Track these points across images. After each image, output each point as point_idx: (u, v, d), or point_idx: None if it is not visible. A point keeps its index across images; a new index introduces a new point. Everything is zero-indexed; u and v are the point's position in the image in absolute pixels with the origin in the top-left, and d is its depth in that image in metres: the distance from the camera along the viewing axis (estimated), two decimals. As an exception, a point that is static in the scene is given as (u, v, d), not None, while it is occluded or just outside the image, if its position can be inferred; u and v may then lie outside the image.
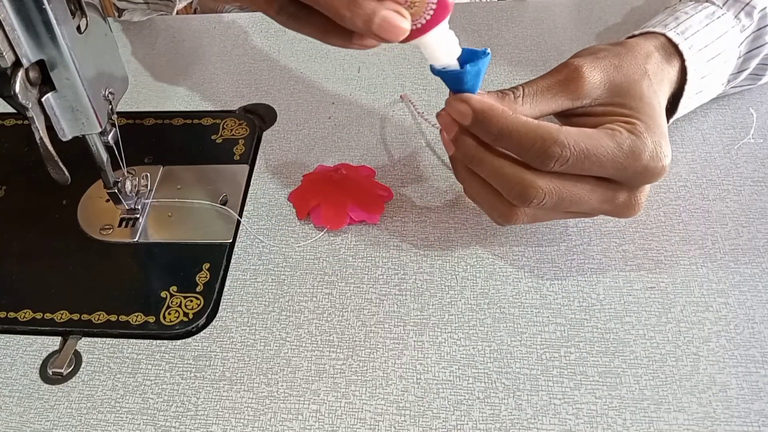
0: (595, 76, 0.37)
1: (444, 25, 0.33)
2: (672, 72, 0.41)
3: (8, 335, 0.41)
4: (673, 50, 0.41)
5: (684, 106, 0.43)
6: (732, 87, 0.47)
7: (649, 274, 0.41)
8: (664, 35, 0.42)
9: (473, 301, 0.40)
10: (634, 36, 0.43)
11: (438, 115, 0.38)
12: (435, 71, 0.36)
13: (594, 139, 0.34)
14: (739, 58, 0.45)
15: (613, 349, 0.38)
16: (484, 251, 0.43)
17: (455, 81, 0.36)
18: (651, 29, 0.43)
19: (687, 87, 0.42)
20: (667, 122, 0.43)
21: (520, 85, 0.38)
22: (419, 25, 0.32)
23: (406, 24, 0.31)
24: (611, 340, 0.38)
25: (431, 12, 0.32)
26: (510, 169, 0.36)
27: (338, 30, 0.32)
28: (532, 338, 0.38)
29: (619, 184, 0.37)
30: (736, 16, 0.43)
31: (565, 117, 0.39)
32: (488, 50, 0.35)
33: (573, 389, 0.36)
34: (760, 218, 0.43)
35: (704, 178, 0.45)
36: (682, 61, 0.41)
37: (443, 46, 0.34)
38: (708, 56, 0.42)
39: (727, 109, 0.49)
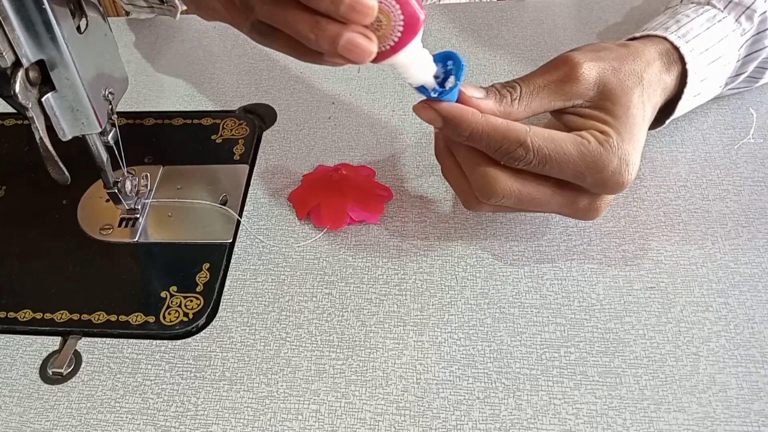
0: (592, 76, 0.38)
1: (415, 44, 0.33)
2: (669, 80, 0.41)
3: (8, 335, 0.41)
4: (675, 55, 0.41)
5: (681, 109, 0.43)
6: (729, 89, 0.48)
7: (649, 274, 0.41)
8: (665, 39, 0.42)
9: (473, 301, 0.40)
10: (635, 38, 0.43)
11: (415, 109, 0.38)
12: (419, 90, 0.36)
13: (558, 145, 0.36)
14: (738, 61, 0.45)
15: (613, 349, 0.38)
16: (484, 251, 0.43)
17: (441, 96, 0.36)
18: (652, 32, 0.43)
19: (686, 90, 0.42)
20: (663, 124, 0.44)
21: (517, 81, 0.38)
22: (388, 47, 0.32)
23: (372, 46, 0.31)
24: (611, 340, 0.38)
25: (399, 33, 0.32)
26: (480, 160, 0.37)
27: (308, 48, 0.33)
28: (532, 338, 0.38)
29: (580, 189, 0.37)
30: (736, 20, 0.43)
31: (555, 113, 0.40)
32: (463, 61, 0.36)
33: (573, 389, 0.36)
34: (760, 218, 0.43)
35: (704, 178, 0.45)
36: (683, 64, 0.41)
37: (415, 64, 0.34)
38: (708, 60, 0.42)
39: (727, 109, 0.49)
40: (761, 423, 0.34)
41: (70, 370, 0.39)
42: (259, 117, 0.53)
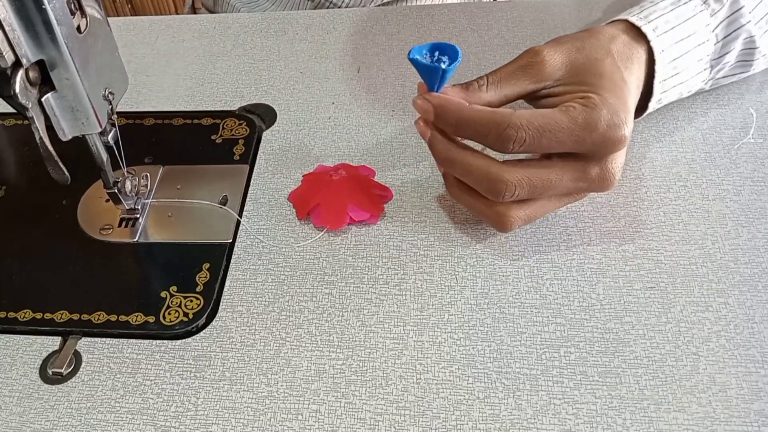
0: (556, 59, 0.39)
1: None
2: (640, 51, 0.42)
3: (8, 335, 0.41)
4: (638, 34, 0.42)
5: (660, 90, 0.44)
6: (723, 76, 0.47)
7: (649, 274, 0.41)
8: (626, 21, 0.43)
9: (473, 301, 0.40)
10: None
11: (415, 123, 0.41)
12: (412, 59, 0.38)
13: (547, 117, 0.36)
14: (717, 42, 0.44)
15: (613, 349, 0.38)
16: (484, 251, 0.43)
17: (430, 73, 0.38)
18: (614, 17, 0.44)
19: (657, 68, 0.42)
20: (649, 108, 0.44)
21: (485, 74, 0.40)
22: None
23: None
24: (611, 340, 0.38)
25: None
26: (478, 163, 0.38)
27: None
28: (532, 338, 0.38)
29: (585, 158, 0.38)
30: (704, 2, 0.44)
31: (532, 100, 0.41)
32: (459, 51, 0.38)
33: (573, 389, 0.36)
34: (760, 218, 0.43)
35: (704, 178, 0.45)
36: (648, 42, 0.42)
37: None
38: (675, 38, 0.43)
39: (727, 109, 0.49)
40: (761, 423, 0.34)
41: (70, 370, 0.39)
42: (259, 117, 0.53)
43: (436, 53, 0.39)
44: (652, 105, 0.44)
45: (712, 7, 0.44)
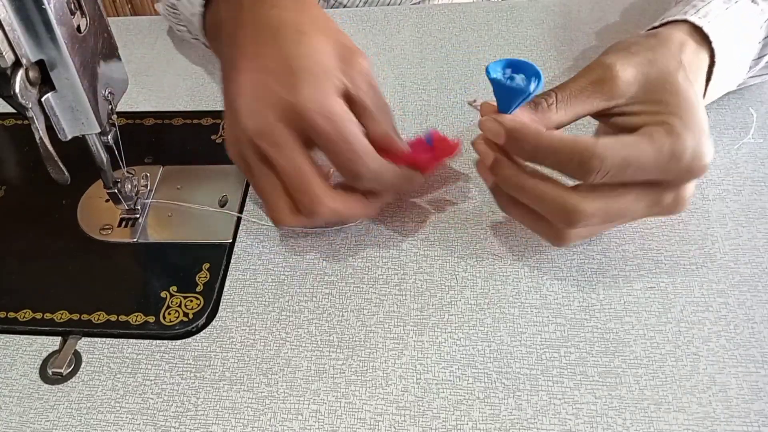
0: (628, 74, 0.36)
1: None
2: (705, 59, 0.40)
3: (8, 335, 0.41)
4: (701, 38, 0.40)
5: (711, 95, 0.43)
6: (751, 77, 0.47)
7: (649, 274, 0.41)
8: (687, 21, 0.40)
9: (473, 301, 0.40)
10: (656, 28, 0.42)
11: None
12: (493, 79, 0.36)
13: (632, 147, 0.34)
14: (759, 42, 0.44)
15: (613, 349, 0.38)
16: (484, 251, 0.43)
17: (510, 95, 0.36)
18: (672, 18, 0.41)
19: (715, 71, 0.41)
20: None
21: (552, 90, 0.37)
22: None
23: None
24: (611, 340, 0.38)
25: None
26: (552, 193, 0.36)
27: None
28: (532, 338, 0.38)
29: (662, 186, 0.36)
30: (753, 1, 0.43)
31: (601, 117, 0.38)
32: (540, 72, 0.35)
33: (573, 389, 0.36)
34: (760, 218, 0.43)
35: (704, 178, 0.45)
36: (709, 44, 0.40)
37: None
38: (731, 40, 0.41)
39: (727, 109, 0.49)
40: (761, 423, 0.34)
41: (70, 370, 0.39)
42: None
43: (508, 70, 0.36)
44: None
45: (760, 6, 0.43)
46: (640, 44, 0.38)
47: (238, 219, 0.45)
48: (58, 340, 0.40)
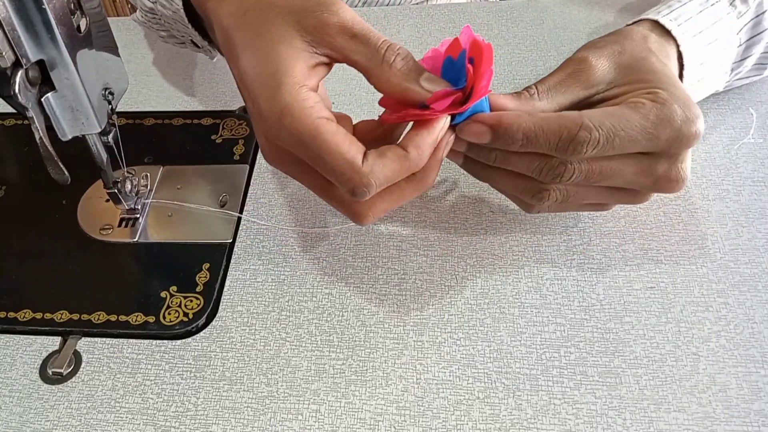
0: (602, 63, 0.37)
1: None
2: (672, 51, 0.41)
3: (8, 335, 0.41)
4: (667, 35, 0.41)
5: (693, 96, 0.43)
6: (739, 78, 0.47)
7: (649, 274, 0.41)
8: (656, 21, 0.42)
9: (473, 301, 0.40)
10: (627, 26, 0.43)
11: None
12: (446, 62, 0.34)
13: (618, 116, 0.34)
14: (740, 45, 0.44)
15: (613, 349, 0.38)
16: (484, 251, 0.43)
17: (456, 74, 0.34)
18: (643, 16, 0.43)
19: (685, 72, 0.42)
20: None
21: (533, 84, 0.37)
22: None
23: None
24: (611, 340, 0.38)
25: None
26: (524, 161, 0.36)
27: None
28: (532, 338, 0.38)
29: (654, 155, 0.35)
30: (731, 3, 0.43)
31: (584, 107, 0.38)
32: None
33: (573, 389, 0.36)
34: (760, 218, 0.43)
35: (704, 178, 0.45)
36: (677, 45, 0.41)
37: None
38: (704, 42, 0.42)
39: (727, 109, 0.49)
40: (761, 423, 0.34)
41: (70, 370, 0.39)
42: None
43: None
44: None
45: (738, 9, 0.43)
46: (605, 40, 0.39)
47: (238, 219, 0.45)
48: (58, 340, 0.40)
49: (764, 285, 0.40)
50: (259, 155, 0.50)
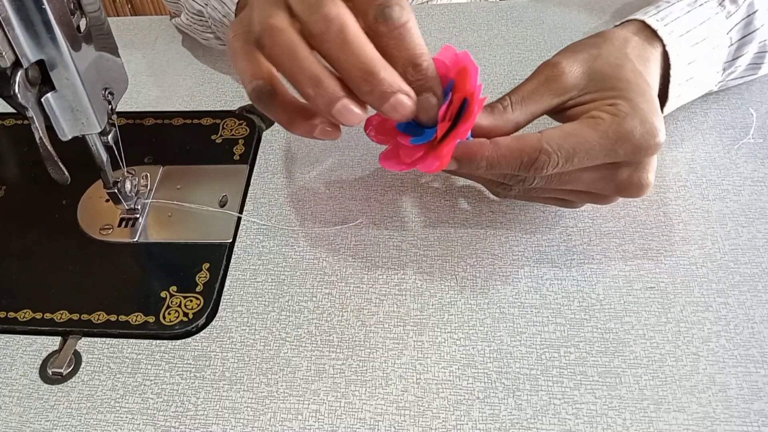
0: (575, 70, 0.38)
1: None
2: (655, 53, 0.41)
3: (8, 335, 0.41)
4: (653, 35, 0.42)
5: (676, 94, 0.43)
6: (733, 78, 0.47)
7: (649, 274, 0.41)
8: (642, 21, 0.42)
9: (473, 301, 0.40)
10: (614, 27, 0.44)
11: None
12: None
13: (577, 136, 0.35)
14: (731, 45, 0.44)
15: (613, 349, 0.38)
16: (484, 251, 0.43)
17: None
18: (630, 17, 0.43)
19: (672, 72, 0.42)
20: (663, 112, 0.43)
21: (506, 94, 0.38)
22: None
23: (360, 112, 0.32)
24: (611, 340, 0.38)
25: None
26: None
27: (302, 120, 0.34)
28: (532, 338, 0.38)
29: (615, 163, 0.37)
30: (720, 4, 0.43)
31: (558, 113, 0.39)
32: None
33: (573, 389, 0.36)
34: (760, 218, 0.43)
35: (704, 178, 0.45)
36: (664, 45, 0.41)
37: None
38: (691, 41, 0.42)
39: (727, 109, 0.49)
40: (761, 423, 0.34)
41: (70, 370, 0.39)
42: (259, 117, 0.53)
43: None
44: (667, 109, 0.44)
45: (727, 9, 0.43)
46: (584, 44, 0.40)
47: (238, 219, 0.45)
48: (58, 340, 0.40)
49: (764, 285, 0.40)
50: (260, 155, 0.50)
